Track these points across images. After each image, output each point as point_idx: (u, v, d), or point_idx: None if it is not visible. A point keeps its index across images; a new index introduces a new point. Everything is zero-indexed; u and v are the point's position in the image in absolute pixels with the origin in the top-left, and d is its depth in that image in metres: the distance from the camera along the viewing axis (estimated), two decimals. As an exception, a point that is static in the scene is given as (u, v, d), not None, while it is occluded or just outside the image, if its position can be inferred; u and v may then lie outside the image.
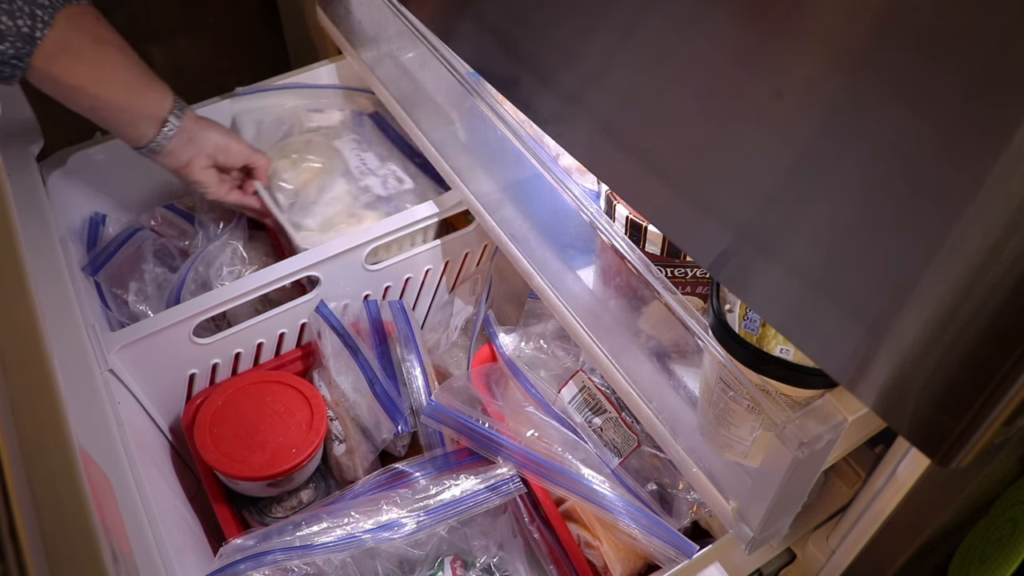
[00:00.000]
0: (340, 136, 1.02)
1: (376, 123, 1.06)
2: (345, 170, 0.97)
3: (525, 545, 0.82)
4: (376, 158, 1.00)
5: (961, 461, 0.33)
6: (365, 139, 1.02)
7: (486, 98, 0.73)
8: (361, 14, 0.96)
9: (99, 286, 0.93)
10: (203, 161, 0.87)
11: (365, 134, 1.04)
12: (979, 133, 0.28)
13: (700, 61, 0.39)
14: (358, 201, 0.94)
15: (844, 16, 0.31)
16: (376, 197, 0.95)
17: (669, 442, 0.63)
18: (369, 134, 1.04)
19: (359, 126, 1.05)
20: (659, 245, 0.64)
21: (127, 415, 0.74)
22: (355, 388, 0.89)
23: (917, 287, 0.32)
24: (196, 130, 0.85)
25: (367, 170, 0.98)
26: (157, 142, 0.83)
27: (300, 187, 0.95)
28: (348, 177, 0.96)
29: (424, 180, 0.99)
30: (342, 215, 0.93)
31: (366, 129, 1.05)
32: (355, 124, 1.05)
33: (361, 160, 0.99)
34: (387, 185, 0.96)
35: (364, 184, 0.96)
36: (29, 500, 0.46)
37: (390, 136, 1.04)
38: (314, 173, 0.96)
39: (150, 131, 0.82)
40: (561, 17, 0.47)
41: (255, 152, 0.92)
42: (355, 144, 1.01)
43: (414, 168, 1.00)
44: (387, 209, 0.94)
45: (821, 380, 0.48)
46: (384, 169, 0.98)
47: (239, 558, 0.72)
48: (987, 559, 0.65)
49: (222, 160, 0.89)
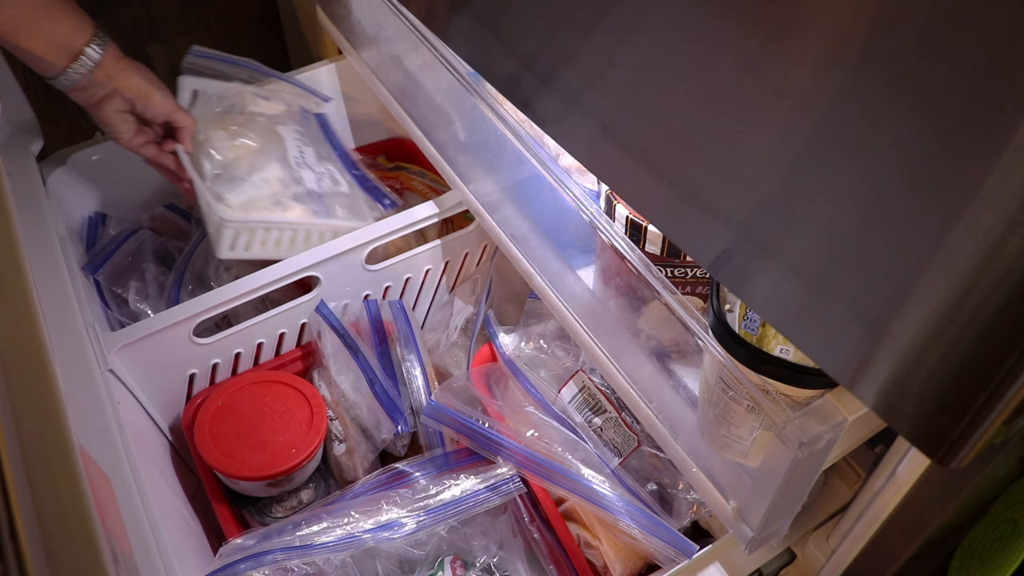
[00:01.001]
0: (285, 123, 0.98)
1: (320, 124, 1.04)
2: (282, 156, 0.93)
3: (525, 545, 0.82)
4: (315, 155, 0.97)
5: (961, 461, 0.33)
6: (308, 135, 1.00)
7: (486, 98, 0.73)
8: (361, 14, 0.96)
9: (99, 285, 0.93)
10: (119, 104, 0.83)
11: (309, 131, 1.01)
12: (979, 133, 0.28)
13: (700, 60, 0.39)
14: (288, 190, 0.91)
15: (844, 16, 0.31)
16: (307, 191, 0.92)
17: (669, 442, 0.63)
18: (313, 132, 1.02)
19: (304, 122, 1.02)
20: (659, 245, 0.64)
21: (127, 415, 0.74)
22: (355, 388, 0.89)
23: (917, 287, 0.32)
24: (116, 70, 0.81)
25: (304, 163, 0.94)
26: (67, 75, 0.79)
27: (231, 161, 0.90)
28: (284, 164, 0.93)
29: (358, 191, 0.97)
30: (267, 200, 0.89)
31: (310, 126, 1.02)
32: (300, 118, 1.02)
33: (300, 152, 0.96)
34: (321, 183, 0.94)
35: (299, 175, 0.92)
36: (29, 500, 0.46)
37: (331, 141, 1.03)
38: (248, 151, 0.92)
39: (60, 62, 0.78)
40: (561, 17, 0.47)
41: (180, 111, 0.88)
42: (298, 136, 0.98)
43: (350, 177, 0.98)
44: (315, 207, 0.91)
45: (821, 380, 0.48)
46: (321, 167, 0.96)
47: (239, 558, 0.72)
48: (987, 559, 0.65)
49: (141, 109, 0.84)
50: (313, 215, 0.89)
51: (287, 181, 0.91)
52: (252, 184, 0.89)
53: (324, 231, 0.90)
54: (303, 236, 0.89)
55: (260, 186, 0.89)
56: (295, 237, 0.88)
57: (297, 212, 0.89)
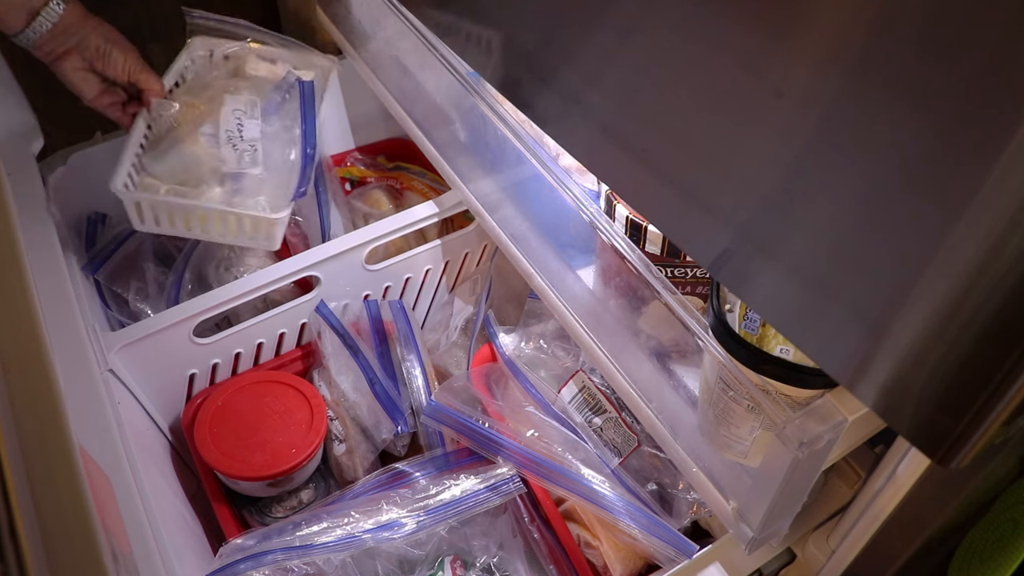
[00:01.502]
0: (239, 92, 0.90)
1: (303, 95, 0.94)
2: (215, 129, 0.87)
3: (525, 545, 0.82)
4: (259, 130, 0.88)
5: (961, 461, 0.33)
6: (272, 105, 0.91)
7: (486, 98, 0.73)
8: (361, 14, 0.96)
9: (99, 285, 0.93)
10: (77, 62, 0.81)
11: (279, 101, 0.92)
12: (979, 133, 0.28)
13: (700, 61, 0.39)
14: (210, 167, 0.86)
15: (844, 16, 0.31)
16: (229, 172, 0.86)
17: (669, 442, 0.63)
18: (287, 103, 0.92)
19: (281, 89, 0.94)
20: (659, 245, 0.64)
21: (127, 415, 0.74)
22: (355, 388, 0.89)
23: (917, 287, 0.32)
24: (77, 27, 0.80)
25: (236, 137, 0.87)
26: (26, 34, 0.78)
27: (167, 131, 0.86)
28: (212, 139, 0.87)
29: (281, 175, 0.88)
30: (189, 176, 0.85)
31: (286, 96, 0.93)
32: (282, 86, 0.94)
33: (238, 126, 0.87)
34: (241, 161, 0.86)
35: (221, 153, 0.86)
36: (29, 500, 0.46)
37: (304, 111, 0.92)
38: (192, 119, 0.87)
39: (19, 22, 0.77)
40: (561, 17, 0.47)
41: (146, 73, 0.85)
42: (246, 106, 0.89)
43: (296, 155, 0.89)
44: (235, 187, 0.85)
45: (821, 380, 0.48)
46: (252, 144, 0.87)
47: (239, 558, 0.72)
48: (987, 559, 0.65)
49: (100, 68, 0.82)
50: (232, 195, 0.85)
51: (213, 157, 0.86)
52: (177, 156, 0.85)
53: (230, 217, 0.84)
54: (216, 219, 0.84)
55: (185, 160, 0.85)
56: (207, 219, 0.84)
57: (215, 192, 0.84)
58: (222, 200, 0.84)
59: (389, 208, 1.05)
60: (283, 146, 0.89)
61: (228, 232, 0.85)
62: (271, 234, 0.85)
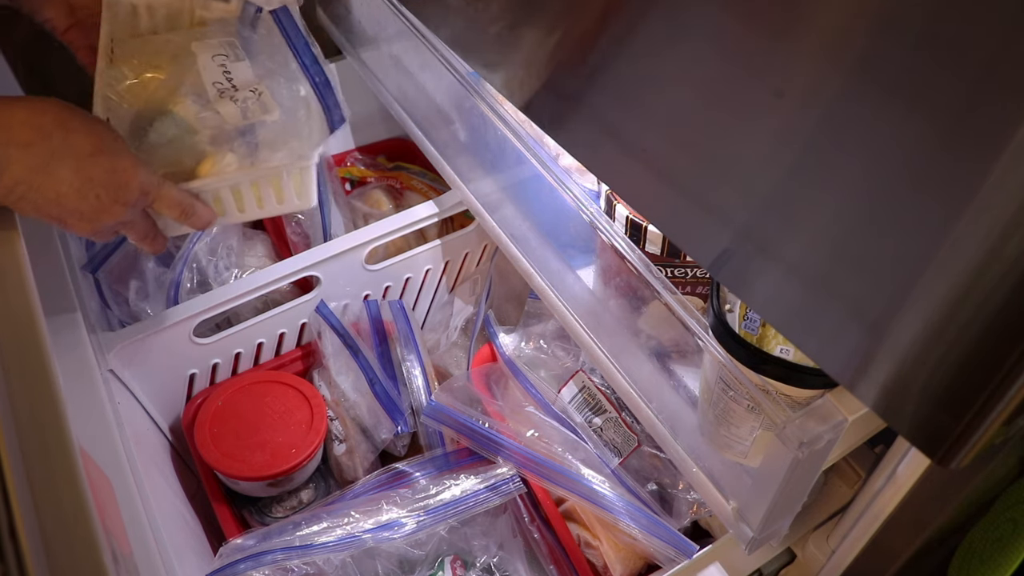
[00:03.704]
0: (207, 36, 0.74)
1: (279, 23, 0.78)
2: (197, 88, 0.71)
3: (525, 545, 0.82)
4: (252, 71, 0.73)
5: (961, 461, 0.33)
6: (249, 44, 0.76)
7: (486, 98, 0.73)
8: (361, 14, 0.96)
9: (99, 284, 0.92)
10: None
11: (258, 37, 0.77)
12: (979, 133, 0.28)
13: (700, 60, 0.39)
14: (204, 133, 0.70)
15: (844, 16, 0.31)
16: (234, 128, 0.70)
17: (669, 442, 0.63)
18: (260, 39, 0.77)
19: (248, 25, 0.78)
20: (659, 245, 0.64)
21: (127, 415, 0.74)
22: (355, 388, 0.89)
23: (917, 287, 0.32)
24: None
25: (228, 88, 0.71)
26: None
27: (140, 107, 0.70)
28: (198, 98, 0.71)
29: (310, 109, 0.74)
30: (180, 151, 0.69)
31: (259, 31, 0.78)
32: (245, 21, 0.78)
33: (226, 74, 0.72)
34: (247, 112, 0.70)
35: (218, 110, 0.70)
36: (29, 500, 0.46)
37: (292, 43, 0.77)
38: (157, 88, 0.71)
39: None
40: (561, 17, 0.47)
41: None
42: (226, 49, 0.74)
43: (307, 89, 0.75)
44: (242, 146, 0.70)
45: (821, 380, 0.48)
46: (252, 88, 0.71)
47: (239, 558, 0.72)
48: (987, 559, 0.65)
49: None
50: (250, 156, 0.70)
51: (205, 120, 0.70)
52: (157, 133, 0.68)
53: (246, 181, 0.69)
54: (228, 193, 0.69)
55: (168, 134, 0.69)
56: (218, 196, 0.69)
57: (228, 162, 0.69)
58: (240, 167, 0.69)
59: (389, 208, 1.05)
60: (287, 83, 0.74)
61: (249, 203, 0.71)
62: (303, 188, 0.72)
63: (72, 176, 0.57)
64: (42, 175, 0.56)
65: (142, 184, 0.61)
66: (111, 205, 0.60)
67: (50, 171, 0.56)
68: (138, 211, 0.63)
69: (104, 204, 0.59)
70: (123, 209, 0.61)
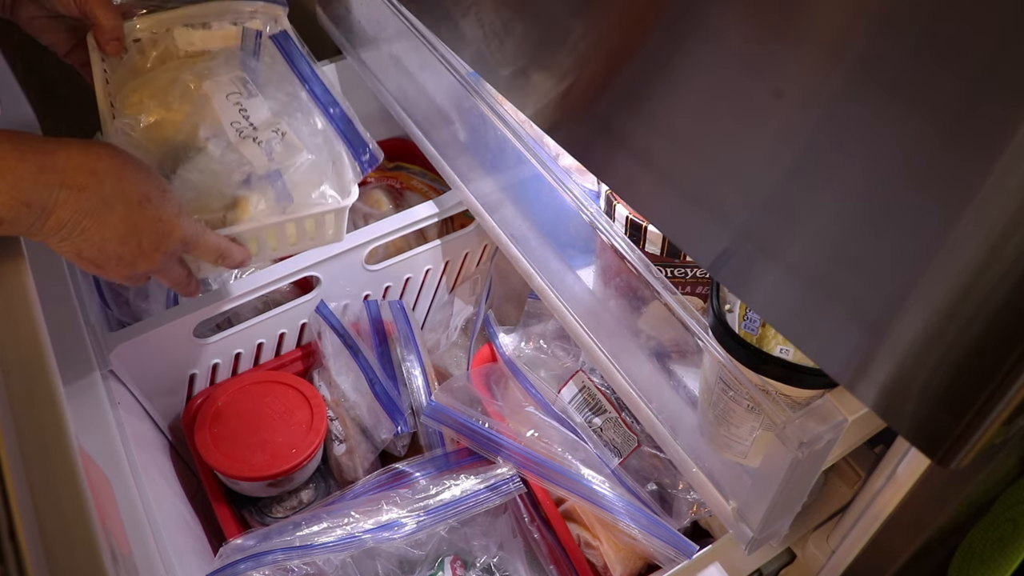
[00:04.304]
0: (216, 73, 0.71)
1: (281, 49, 0.74)
2: (216, 130, 0.68)
3: (525, 545, 0.82)
4: (267, 107, 0.70)
5: (961, 461, 0.33)
6: (259, 74, 0.73)
7: (486, 98, 0.73)
8: (361, 14, 0.96)
9: (99, 284, 0.92)
10: (32, 10, 0.70)
11: (263, 66, 0.74)
12: (979, 133, 0.28)
13: (700, 61, 0.39)
14: (232, 177, 0.67)
15: (844, 16, 0.31)
16: (264, 171, 0.67)
17: (669, 442, 0.63)
18: (264, 69, 0.74)
19: (251, 55, 0.75)
20: (659, 245, 0.64)
21: (127, 415, 0.74)
22: (355, 388, 0.89)
23: (917, 287, 0.32)
24: None
25: (247, 127, 0.68)
26: None
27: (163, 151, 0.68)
28: (218, 140, 0.68)
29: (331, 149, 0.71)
30: (214, 197, 0.66)
31: (263, 59, 0.75)
32: (245, 53, 0.75)
33: (242, 112, 0.69)
34: (272, 154, 0.68)
35: (241, 152, 0.67)
36: (29, 501, 0.46)
37: (297, 70, 0.73)
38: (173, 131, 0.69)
39: None
40: (560, 17, 0.47)
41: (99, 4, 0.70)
42: (237, 86, 0.71)
43: (320, 121, 0.72)
44: (271, 189, 0.67)
45: (821, 380, 0.48)
46: (272, 127, 0.69)
47: (239, 558, 0.72)
48: (987, 559, 0.65)
49: (49, 5, 0.70)
50: (281, 200, 0.67)
51: (229, 164, 0.67)
52: (181, 179, 0.66)
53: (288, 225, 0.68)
54: (265, 235, 0.68)
55: (193, 179, 0.66)
56: (254, 238, 0.67)
57: (255, 204, 0.67)
58: (273, 212, 0.67)
59: (389, 208, 1.05)
60: (304, 117, 0.72)
61: (284, 242, 0.70)
62: (338, 227, 0.70)
63: (119, 223, 0.56)
64: (89, 219, 0.55)
65: (184, 234, 0.61)
66: (152, 252, 0.59)
67: (98, 216, 0.55)
68: (175, 259, 0.63)
69: (145, 251, 0.59)
70: (162, 257, 0.60)
